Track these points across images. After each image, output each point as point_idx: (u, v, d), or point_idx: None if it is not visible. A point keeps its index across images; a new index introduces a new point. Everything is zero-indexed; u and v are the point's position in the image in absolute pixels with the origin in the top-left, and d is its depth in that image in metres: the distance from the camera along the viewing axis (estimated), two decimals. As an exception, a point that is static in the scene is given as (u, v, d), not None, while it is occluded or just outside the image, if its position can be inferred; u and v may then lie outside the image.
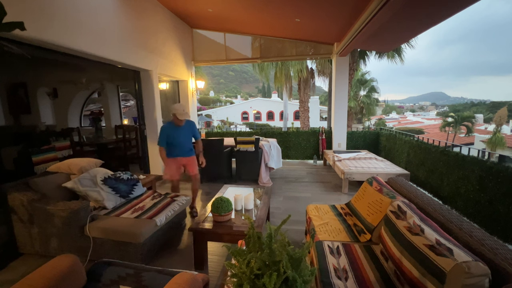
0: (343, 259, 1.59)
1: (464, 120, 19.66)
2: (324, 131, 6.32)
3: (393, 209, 1.64)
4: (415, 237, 1.30)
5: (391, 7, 2.83)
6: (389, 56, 8.56)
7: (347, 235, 1.93)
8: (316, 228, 2.04)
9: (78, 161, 2.86)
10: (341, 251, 1.67)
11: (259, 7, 4.58)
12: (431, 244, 1.19)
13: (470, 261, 1.00)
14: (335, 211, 2.35)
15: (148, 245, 2.21)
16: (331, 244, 1.77)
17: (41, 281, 1.07)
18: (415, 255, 1.25)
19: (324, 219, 2.20)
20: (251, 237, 1.11)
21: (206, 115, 28.81)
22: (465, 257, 1.03)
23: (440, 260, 1.09)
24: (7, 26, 1.01)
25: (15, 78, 5.86)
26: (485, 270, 0.99)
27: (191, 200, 3.15)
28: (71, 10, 2.89)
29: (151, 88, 4.64)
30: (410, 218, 1.44)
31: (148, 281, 1.25)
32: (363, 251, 1.67)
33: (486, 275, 0.98)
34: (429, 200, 1.78)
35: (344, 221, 2.15)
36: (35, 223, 2.26)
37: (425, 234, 1.27)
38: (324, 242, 1.78)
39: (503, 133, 17.93)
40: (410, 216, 1.46)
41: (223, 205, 2.07)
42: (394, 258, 1.42)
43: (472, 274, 0.97)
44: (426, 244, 1.21)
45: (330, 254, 1.64)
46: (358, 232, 1.94)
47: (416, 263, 1.22)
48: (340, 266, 1.52)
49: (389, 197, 1.87)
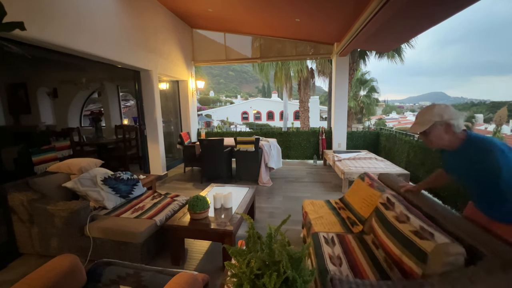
0: (338, 248, 1.70)
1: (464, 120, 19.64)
2: (324, 131, 6.32)
3: (382, 201, 1.77)
4: (402, 225, 1.44)
5: (391, 6, 2.83)
6: (389, 56, 8.56)
7: (341, 227, 2.05)
8: (312, 221, 2.14)
9: (78, 161, 2.86)
10: (336, 241, 1.79)
11: (259, 7, 4.58)
12: (416, 230, 1.34)
13: (448, 243, 1.15)
14: (329, 206, 2.47)
15: (148, 245, 2.21)
16: (326, 235, 1.87)
17: (41, 281, 1.07)
18: (402, 241, 1.39)
19: (320, 213, 2.30)
20: (251, 237, 1.11)
21: (206, 115, 28.82)
22: (444, 240, 1.18)
23: (423, 243, 1.24)
24: (7, 26, 1.01)
25: (15, 78, 5.87)
26: (460, 250, 1.13)
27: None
28: (71, 10, 2.89)
29: (151, 88, 4.64)
30: (398, 208, 1.58)
31: (148, 281, 1.25)
32: (356, 241, 1.79)
33: (462, 254, 1.12)
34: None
35: (338, 215, 2.27)
36: (35, 223, 2.26)
37: (410, 221, 1.41)
38: (319, 233, 1.90)
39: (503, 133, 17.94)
40: (397, 206, 1.60)
41: (199, 203, 2.14)
42: (384, 246, 1.54)
43: (450, 254, 1.12)
44: (412, 230, 1.35)
45: (326, 244, 1.75)
46: (351, 224, 2.07)
47: (403, 248, 1.36)
48: (335, 254, 1.64)
49: (379, 191, 1.99)
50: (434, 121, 1.28)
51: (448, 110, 1.29)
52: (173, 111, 6.48)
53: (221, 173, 4.57)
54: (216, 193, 2.46)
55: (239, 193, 2.83)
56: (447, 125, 1.28)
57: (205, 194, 2.81)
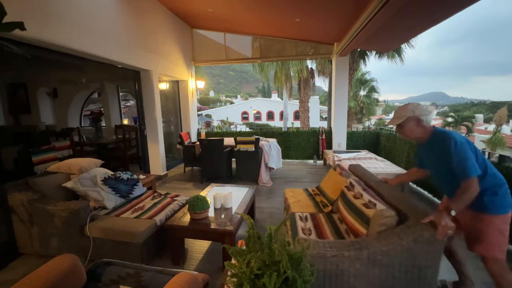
0: (309, 223, 2.10)
1: (464, 120, 19.67)
2: (324, 131, 6.32)
3: (346, 185, 2.16)
4: (357, 200, 1.82)
5: (391, 6, 2.83)
6: (389, 56, 8.55)
7: (314, 208, 2.43)
8: (291, 205, 2.53)
9: (78, 161, 2.86)
10: (309, 219, 2.19)
11: (259, 7, 4.58)
12: (365, 202, 1.72)
13: (384, 209, 1.53)
14: (307, 193, 2.86)
15: (148, 245, 2.21)
16: (301, 214, 2.27)
17: (41, 281, 1.07)
18: (355, 212, 1.76)
19: (298, 198, 2.70)
20: (251, 237, 1.11)
21: (206, 115, 28.80)
22: (381, 207, 1.56)
23: (368, 211, 1.61)
24: (7, 26, 1.01)
25: (15, 78, 5.86)
26: (392, 213, 1.50)
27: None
28: (71, 10, 2.89)
29: (151, 88, 4.64)
30: (356, 189, 1.95)
31: (148, 281, 1.25)
32: (325, 218, 2.18)
33: (393, 217, 1.49)
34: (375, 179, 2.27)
35: (314, 199, 2.66)
36: (35, 223, 2.26)
37: (363, 197, 1.80)
38: (296, 213, 2.29)
39: (503, 133, 17.94)
40: (356, 187, 1.97)
41: (199, 203, 2.15)
42: (345, 219, 1.92)
43: (384, 216, 1.49)
44: (362, 203, 1.73)
45: (300, 220, 2.16)
46: (323, 206, 2.47)
47: (356, 216, 1.73)
48: (306, 227, 2.03)
49: (345, 177, 2.37)
50: (407, 116, 1.55)
51: (419, 107, 1.56)
52: (173, 111, 6.48)
53: (221, 173, 4.57)
54: (216, 193, 2.46)
55: (239, 193, 2.83)
56: (418, 120, 1.55)
57: (205, 194, 2.81)
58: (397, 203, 1.66)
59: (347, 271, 1.32)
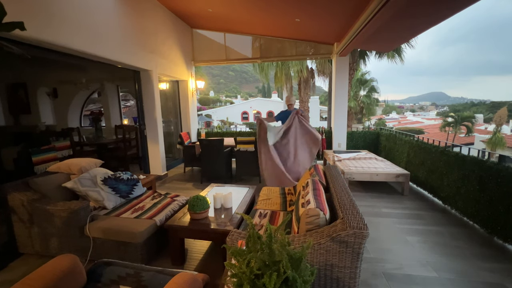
0: (265, 220, 2.22)
1: (464, 120, 19.64)
2: (324, 131, 6.32)
3: (303, 184, 2.20)
4: (301, 199, 1.87)
5: (391, 6, 2.83)
6: (389, 56, 8.56)
7: (279, 207, 2.54)
8: (258, 202, 2.65)
9: (78, 161, 2.86)
10: (267, 215, 2.31)
11: (259, 7, 4.58)
12: (303, 202, 1.77)
13: (311, 208, 1.56)
14: (281, 191, 2.98)
15: (148, 245, 2.21)
16: (263, 211, 2.40)
17: (41, 281, 1.07)
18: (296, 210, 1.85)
19: (269, 196, 2.80)
20: (251, 237, 1.11)
21: (206, 115, 28.78)
22: (310, 207, 1.58)
23: (301, 210, 1.68)
24: (7, 26, 1.01)
25: (15, 78, 5.86)
26: (316, 212, 1.53)
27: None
28: (71, 10, 2.89)
29: (151, 88, 4.64)
30: (307, 188, 1.98)
31: (148, 281, 1.25)
32: (283, 215, 2.30)
33: (318, 215, 1.52)
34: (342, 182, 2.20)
35: (285, 198, 2.76)
36: (35, 223, 2.26)
37: (305, 198, 1.81)
38: (258, 210, 2.44)
39: (503, 133, 17.92)
40: (309, 187, 1.99)
41: (199, 203, 2.15)
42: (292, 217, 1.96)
43: (308, 215, 1.54)
44: (302, 203, 1.79)
45: (258, 217, 2.29)
46: (289, 205, 2.55)
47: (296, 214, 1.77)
48: (259, 223, 2.15)
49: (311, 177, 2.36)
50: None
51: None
52: (173, 111, 6.48)
53: (221, 173, 4.57)
54: (216, 193, 2.47)
55: (239, 193, 2.84)
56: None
57: (205, 194, 2.81)
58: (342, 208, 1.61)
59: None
